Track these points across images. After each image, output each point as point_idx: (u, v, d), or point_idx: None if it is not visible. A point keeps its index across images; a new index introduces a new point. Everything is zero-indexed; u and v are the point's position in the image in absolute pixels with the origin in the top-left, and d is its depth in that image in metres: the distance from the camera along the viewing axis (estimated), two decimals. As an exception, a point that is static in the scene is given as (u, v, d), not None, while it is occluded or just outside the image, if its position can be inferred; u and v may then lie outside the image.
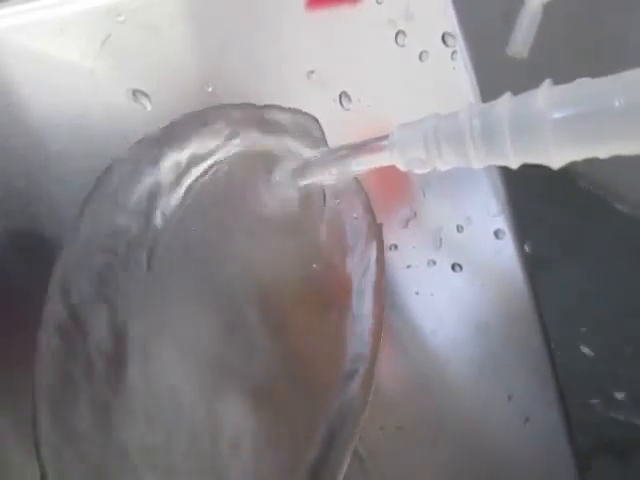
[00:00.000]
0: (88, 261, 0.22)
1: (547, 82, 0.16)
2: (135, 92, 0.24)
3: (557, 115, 0.16)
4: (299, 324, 0.26)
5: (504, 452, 0.32)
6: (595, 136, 0.15)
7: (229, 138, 0.24)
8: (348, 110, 0.27)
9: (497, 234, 0.31)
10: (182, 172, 0.24)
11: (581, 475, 0.34)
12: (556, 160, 0.16)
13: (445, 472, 0.31)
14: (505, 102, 0.17)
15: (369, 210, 0.27)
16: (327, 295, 0.26)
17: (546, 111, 0.16)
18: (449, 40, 0.29)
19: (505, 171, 0.31)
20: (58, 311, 0.21)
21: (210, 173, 0.24)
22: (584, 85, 0.16)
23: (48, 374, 0.20)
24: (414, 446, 0.30)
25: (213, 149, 0.24)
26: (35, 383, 0.20)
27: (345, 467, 0.24)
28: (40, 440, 0.20)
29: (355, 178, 0.27)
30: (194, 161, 0.24)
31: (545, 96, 0.16)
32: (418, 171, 0.20)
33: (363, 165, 0.22)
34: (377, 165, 0.21)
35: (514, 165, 0.17)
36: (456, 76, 0.29)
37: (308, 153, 0.25)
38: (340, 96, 0.27)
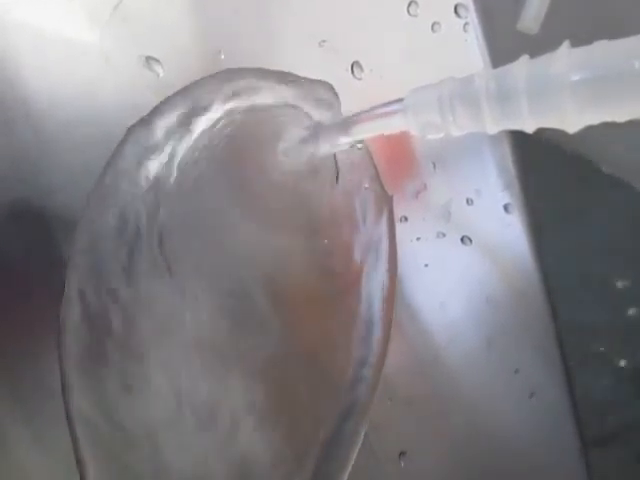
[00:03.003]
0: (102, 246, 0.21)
1: (565, 44, 0.16)
2: (148, 59, 0.24)
3: (575, 77, 0.15)
4: (308, 303, 0.26)
5: (509, 425, 0.33)
6: (614, 98, 0.15)
7: (239, 103, 0.24)
8: (360, 80, 0.27)
9: (507, 208, 0.31)
10: (191, 140, 0.23)
11: (585, 449, 0.34)
12: (573, 123, 0.16)
13: (449, 444, 0.31)
14: (522, 64, 0.16)
15: (379, 182, 0.27)
16: (338, 269, 0.26)
17: (564, 73, 0.15)
18: (461, 11, 0.29)
19: (515, 145, 0.31)
20: (81, 280, 0.21)
21: (218, 140, 0.24)
22: (603, 47, 0.15)
23: (76, 344, 0.20)
24: (420, 418, 0.30)
25: (222, 114, 0.24)
26: (63, 354, 0.20)
27: (358, 447, 0.24)
28: (71, 410, 0.20)
29: (366, 149, 0.26)
30: (203, 129, 0.23)
31: (563, 58, 0.16)
32: (432, 136, 0.19)
33: (375, 129, 0.21)
34: (390, 130, 0.20)
35: (530, 129, 0.17)
36: (468, 48, 0.29)
37: (321, 119, 0.25)
38: (352, 66, 0.27)
